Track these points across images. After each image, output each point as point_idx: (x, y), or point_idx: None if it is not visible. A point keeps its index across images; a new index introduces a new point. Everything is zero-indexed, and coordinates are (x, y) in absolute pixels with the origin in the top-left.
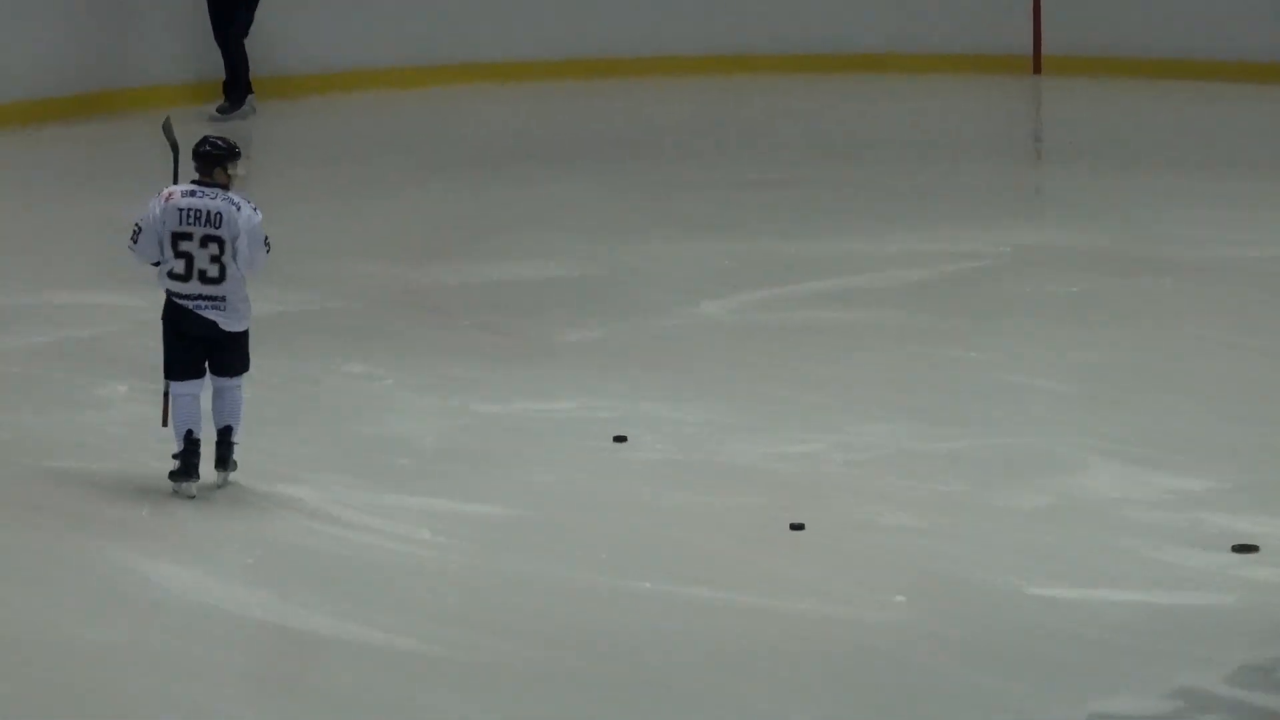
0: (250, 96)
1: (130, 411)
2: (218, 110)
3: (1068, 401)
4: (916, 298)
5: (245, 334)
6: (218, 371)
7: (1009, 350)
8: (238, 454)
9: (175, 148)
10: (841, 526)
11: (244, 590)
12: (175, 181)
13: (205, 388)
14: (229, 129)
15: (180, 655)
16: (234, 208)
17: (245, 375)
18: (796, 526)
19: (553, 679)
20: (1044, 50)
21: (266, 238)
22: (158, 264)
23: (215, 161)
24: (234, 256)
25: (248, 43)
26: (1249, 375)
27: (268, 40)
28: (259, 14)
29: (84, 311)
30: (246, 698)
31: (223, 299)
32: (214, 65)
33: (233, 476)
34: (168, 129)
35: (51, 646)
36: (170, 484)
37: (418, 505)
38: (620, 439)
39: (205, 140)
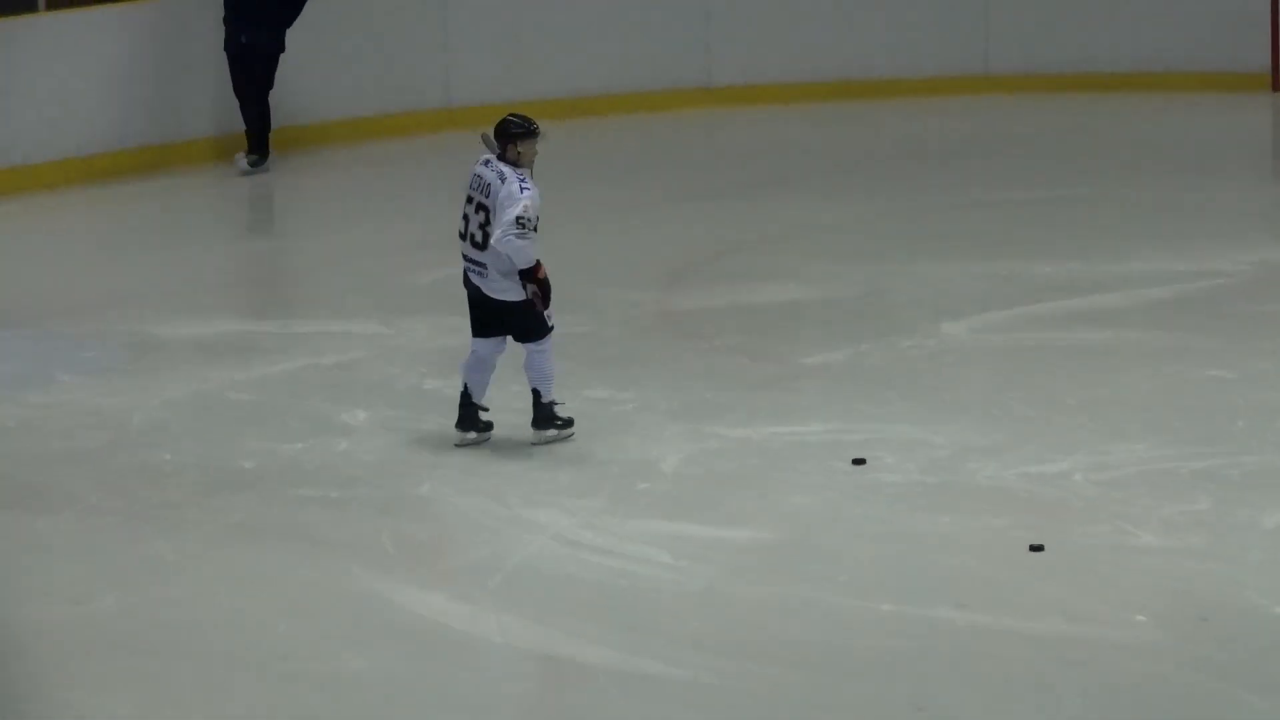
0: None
1: (373, 438)
2: (249, 163)
3: None
4: (1161, 316)
5: (522, 303)
6: (513, 337)
7: (1257, 368)
8: (565, 412)
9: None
10: (1090, 547)
11: (489, 615)
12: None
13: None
14: (256, 180)
15: (440, 682)
16: (500, 181)
17: (541, 344)
18: (1036, 548)
19: (796, 701)
20: None
21: (520, 219)
22: None
23: (506, 139)
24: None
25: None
26: None
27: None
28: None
29: (325, 340)
30: None
31: (484, 265)
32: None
33: (545, 448)
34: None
35: (322, 676)
36: None
37: (659, 529)
38: (859, 461)
39: (506, 117)
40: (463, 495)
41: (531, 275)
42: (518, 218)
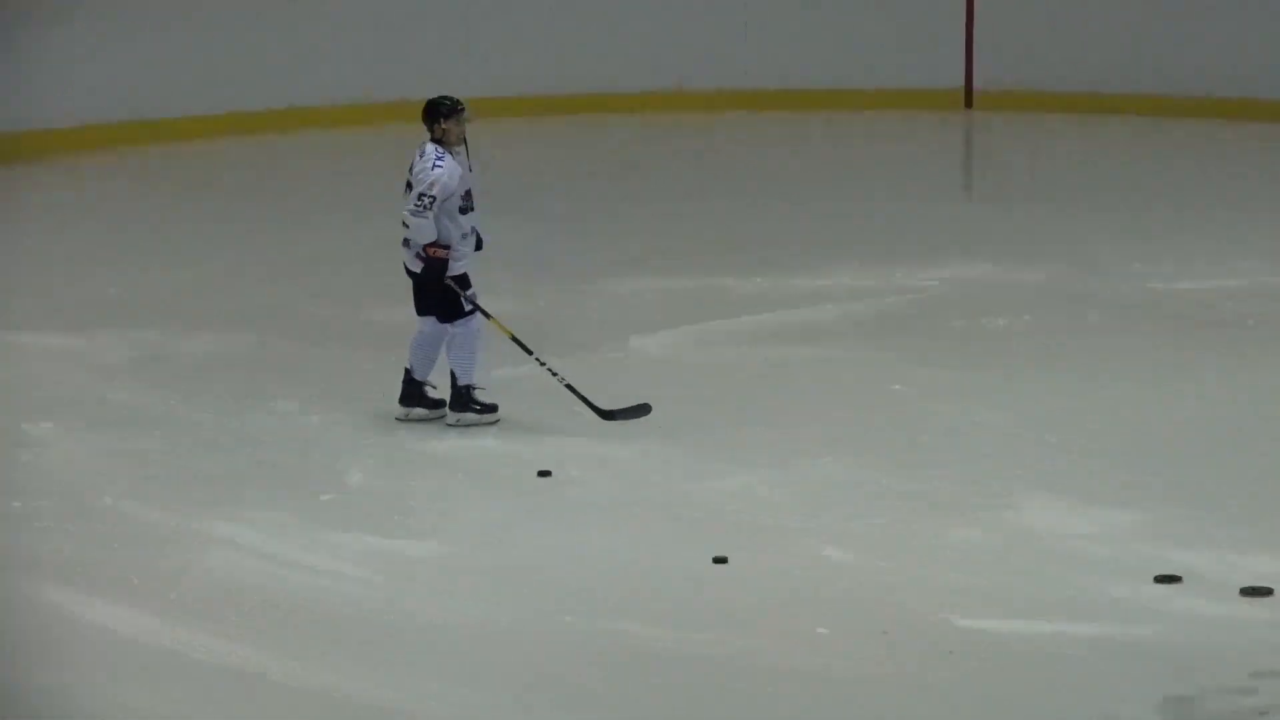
0: None
1: (58, 449)
2: None
3: (1001, 434)
4: (851, 332)
5: (439, 282)
6: (435, 316)
7: (943, 383)
8: (487, 397)
9: (620, 414)
10: (775, 561)
11: (171, 628)
12: (591, 405)
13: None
14: None
15: (121, 697)
16: (419, 156)
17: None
18: (720, 560)
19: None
20: (975, 85)
21: (421, 195)
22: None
23: (431, 117)
24: None
25: None
26: (1181, 410)
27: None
28: None
29: (8, 351)
30: None
31: (407, 241)
32: None
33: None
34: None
35: (8, 691)
36: None
37: (344, 541)
38: (545, 473)
39: (434, 97)
40: (146, 507)
41: (424, 251)
42: (420, 194)
